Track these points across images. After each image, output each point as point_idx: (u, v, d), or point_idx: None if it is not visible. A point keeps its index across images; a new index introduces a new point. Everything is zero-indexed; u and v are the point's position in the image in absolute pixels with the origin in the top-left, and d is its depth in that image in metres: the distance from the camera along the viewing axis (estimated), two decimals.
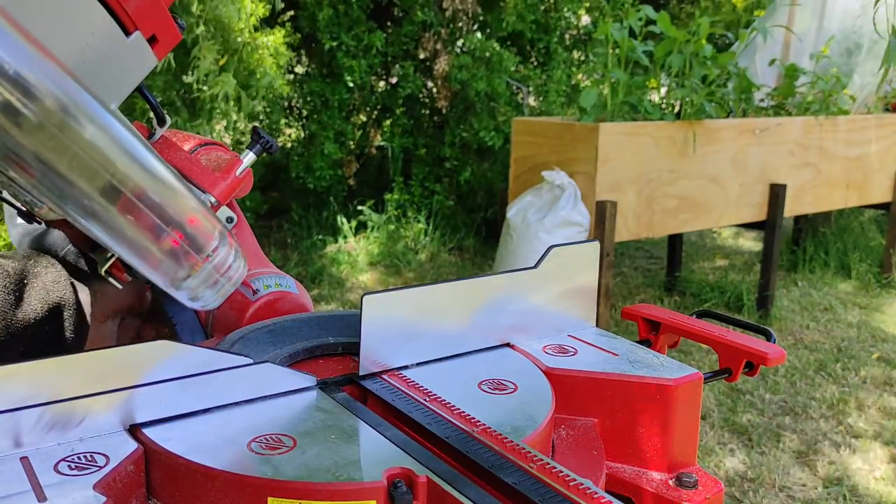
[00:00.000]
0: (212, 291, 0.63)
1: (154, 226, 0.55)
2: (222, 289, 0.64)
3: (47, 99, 0.44)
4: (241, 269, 0.65)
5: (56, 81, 0.45)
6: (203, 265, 0.60)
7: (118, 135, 0.50)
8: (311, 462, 0.56)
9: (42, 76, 0.44)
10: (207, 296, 0.63)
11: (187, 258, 0.59)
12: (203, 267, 0.60)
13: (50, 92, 0.44)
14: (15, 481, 0.53)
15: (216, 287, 0.63)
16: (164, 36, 0.52)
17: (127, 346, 0.61)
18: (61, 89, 0.45)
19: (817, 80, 3.55)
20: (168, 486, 0.57)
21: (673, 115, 3.07)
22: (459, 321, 0.78)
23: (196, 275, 0.60)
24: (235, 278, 0.65)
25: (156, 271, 0.59)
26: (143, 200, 0.54)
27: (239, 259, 0.64)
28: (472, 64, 4.37)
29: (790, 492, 2.20)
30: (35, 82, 0.44)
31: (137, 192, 0.53)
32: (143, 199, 0.54)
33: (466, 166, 4.54)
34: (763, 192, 3.37)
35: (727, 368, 0.85)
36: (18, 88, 0.43)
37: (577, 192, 2.75)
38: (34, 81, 0.44)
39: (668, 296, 3.85)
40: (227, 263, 0.62)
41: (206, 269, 0.61)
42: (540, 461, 0.56)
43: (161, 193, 0.55)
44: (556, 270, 0.84)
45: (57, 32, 0.49)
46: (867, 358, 3.13)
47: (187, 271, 0.60)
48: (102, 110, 0.48)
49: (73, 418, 0.59)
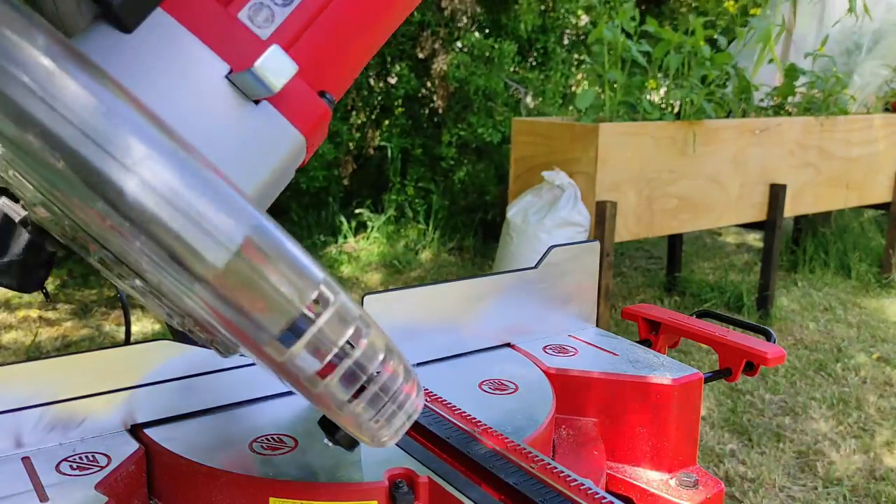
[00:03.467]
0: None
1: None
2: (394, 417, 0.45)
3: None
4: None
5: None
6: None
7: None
8: (313, 462, 0.56)
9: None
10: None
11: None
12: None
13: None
14: (17, 481, 0.54)
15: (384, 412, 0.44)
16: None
17: (127, 346, 0.61)
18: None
19: (817, 79, 3.55)
20: (169, 486, 0.57)
21: (673, 116, 3.07)
22: (460, 321, 0.78)
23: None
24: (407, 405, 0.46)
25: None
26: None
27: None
28: (471, 62, 4.38)
29: (790, 492, 2.20)
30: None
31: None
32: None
33: (462, 166, 4.54)
34: (763, 192, 3.37)
35: (727, 368, 0.85)
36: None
37: (577, 193, 2.75)
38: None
39: (668, 296, 3.86)
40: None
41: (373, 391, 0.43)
42: (541, 461, 0.56)
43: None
44: (557, 270, 0.84)
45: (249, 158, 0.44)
46: (867, 358, 3.13)
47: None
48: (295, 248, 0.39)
49: (74, 418, 0.59)
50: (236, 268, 0.36)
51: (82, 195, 0.34)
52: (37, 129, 0.32)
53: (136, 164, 0.34)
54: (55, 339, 3.06)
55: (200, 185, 0.35)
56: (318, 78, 0.43)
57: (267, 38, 0.42)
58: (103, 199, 0.34)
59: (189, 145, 0.36)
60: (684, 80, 3.06)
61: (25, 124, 0.32)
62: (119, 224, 0.34)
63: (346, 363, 0.39)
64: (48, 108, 0.32)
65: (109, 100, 0.34)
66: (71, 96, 0.32)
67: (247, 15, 0.43)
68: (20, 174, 0.41)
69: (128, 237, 0.35)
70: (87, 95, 0.33)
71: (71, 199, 0.35)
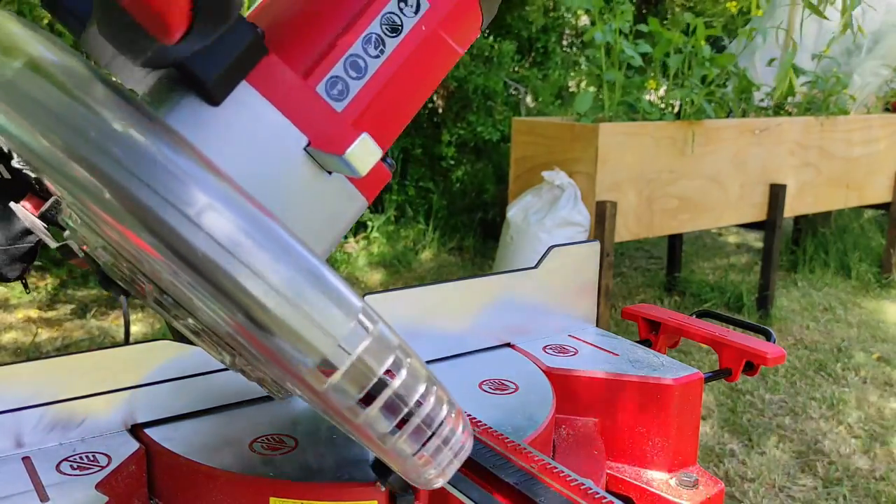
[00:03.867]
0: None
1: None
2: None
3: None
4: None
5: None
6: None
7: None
8: (313, 462, 0.56)
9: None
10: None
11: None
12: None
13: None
14: (17, 481, 0.54)
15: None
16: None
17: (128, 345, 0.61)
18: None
19: (817, 79, 3.55)
20: (170, 486, 0.58)
21: (673, 116, 3.07)
22: (460, 321, 0.78)
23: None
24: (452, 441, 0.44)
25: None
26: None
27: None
28: (470, 62, 4.38)
29: (790, 492, 2.20)
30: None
31: None
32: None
33: (461, 165, 4.55)
34: (763, 192, 3.37)
35: (727, 368, 0.85)
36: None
37: (577, 193, 2.75)
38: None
39: (668, 296, 3.86)
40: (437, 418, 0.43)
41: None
42: (541, 461, 0.56)
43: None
44: (557, 270, 0.84)
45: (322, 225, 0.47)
46: (867, 358, 3.13)
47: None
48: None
49: (74, 418, 0.59)
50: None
51: (212, 298, 0.35)
52: (169, 236, 0.33)
53: (264, 272, 0.35)
54: (54, 340, 3.06)
55: (317, 284, 0.36)
56: (381, 143, 0.44)
57: (342, 110, 0.44)
58: (240, 312, 0.34)
59: (302, 242, 0.37)
60: (684, 79, 3.06)
61: (154, 232, 0.33)
62: (243, 324, 0.35)
63: (387, 393, 0.39)
64: (159, 197, 0.33)
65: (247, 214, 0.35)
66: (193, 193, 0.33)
67: (324, 88, 0.44)
68: (99, 234, 0.44)
69: (247, 341, 0.37)
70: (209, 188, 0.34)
71: (194, 296, 0.36)
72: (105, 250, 0.48)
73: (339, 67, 0.44)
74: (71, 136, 0.33)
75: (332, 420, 0.43)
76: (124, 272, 0.49)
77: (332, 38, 0.45)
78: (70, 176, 0.33)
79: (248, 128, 0.42)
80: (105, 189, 0.33)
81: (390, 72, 0.46)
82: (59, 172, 0.33)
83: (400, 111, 0.48)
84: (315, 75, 0.44)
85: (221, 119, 0.41)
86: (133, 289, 0.51)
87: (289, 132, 0.43)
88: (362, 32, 0.45)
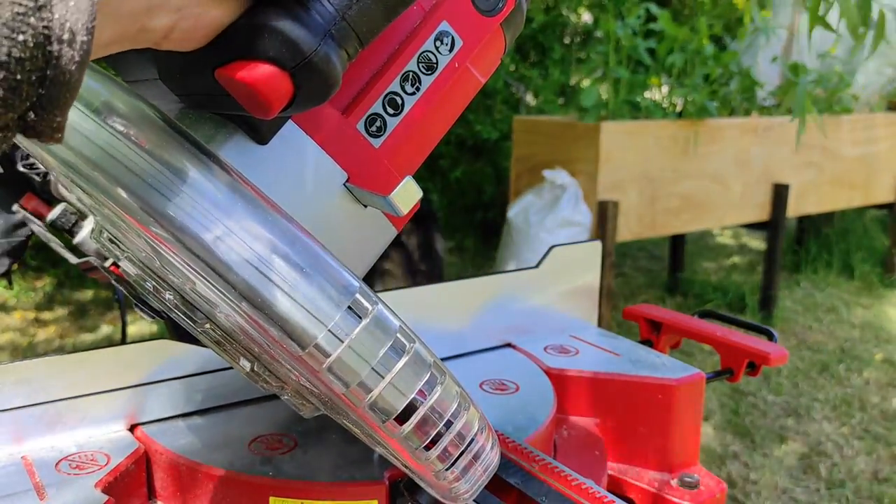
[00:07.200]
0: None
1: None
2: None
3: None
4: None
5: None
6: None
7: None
8: (313, 461, 0.56)
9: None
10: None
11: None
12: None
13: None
14: (17, 480, 0.54)
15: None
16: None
17: (128, 345, 0.61)
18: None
19: (820, 78, 3.54)
20: (169, 486, 0.57)
21: (675, 114, 3.07)
22: (460, 321, 0.78)
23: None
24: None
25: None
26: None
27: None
28: None
29: (793, 493, 2.19)
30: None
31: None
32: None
33: (459, 164, 4.54)
34: (766, 191, 3.36)
35: (729, 369, 0.85)
36: None
37: (579, 192, 2.75)
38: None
39: (670, 296, 3.85)
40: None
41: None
42: (542, 461, 0.56)
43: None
44: (558, 270, 0.84)
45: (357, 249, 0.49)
46: (871, 359, 3.12)
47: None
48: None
49: (74, 417, 0.59)
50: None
51: (269, 327, 0.36)
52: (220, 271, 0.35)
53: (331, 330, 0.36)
54: (51, 341, 3.07)
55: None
56: (411, 172, 0.47)
57: (379, 146, 0.46)
58: (292, 342, 0.36)
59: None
60: (687, 78, 3.05)
61: (212, 270, 0.35)
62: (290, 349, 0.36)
63: (422, 409, 0.40)
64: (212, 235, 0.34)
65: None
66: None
67: (363, 125, 0.46)
68: (125, 247, 0.46)
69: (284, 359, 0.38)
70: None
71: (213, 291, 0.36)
72: (131, 262, 0.49)
73: (378, 105, 0.46)
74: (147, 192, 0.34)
75: (361, 433, 0.45)
76: (149, 284, 0.50)
77: (371, 76, 0.46)
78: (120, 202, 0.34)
79: (291, 164, 0.44)
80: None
81: (425, 108, 0.48)
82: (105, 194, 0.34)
83: (429, 142, 0.50)
84: (355, 114, 0.46)
85: (268, 156, 0.43)
86: (153, 296, 0.52)
87: (329, 169, 0.45)
88: (400, 71, 0.47)
